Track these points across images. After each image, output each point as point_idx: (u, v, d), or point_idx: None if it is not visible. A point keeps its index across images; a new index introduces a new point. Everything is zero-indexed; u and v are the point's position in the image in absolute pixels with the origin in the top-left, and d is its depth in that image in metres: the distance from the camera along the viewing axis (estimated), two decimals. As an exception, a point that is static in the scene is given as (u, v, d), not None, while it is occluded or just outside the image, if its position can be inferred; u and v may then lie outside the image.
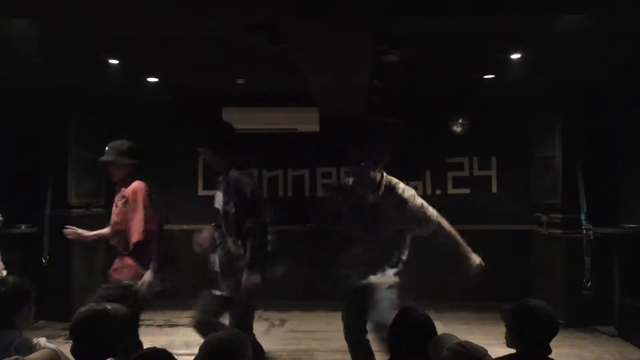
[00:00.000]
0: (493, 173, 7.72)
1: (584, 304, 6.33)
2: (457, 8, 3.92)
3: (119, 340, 2.62)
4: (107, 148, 4.35)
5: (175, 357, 2.46)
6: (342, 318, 4.25)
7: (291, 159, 7.85)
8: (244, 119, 7.48)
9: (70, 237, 4.56)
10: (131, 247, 4.19)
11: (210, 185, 7.74)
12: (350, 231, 4.22)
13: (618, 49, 5.26)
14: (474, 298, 7.40)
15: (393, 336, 2.76)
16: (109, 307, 2.64)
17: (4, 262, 5.95)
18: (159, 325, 6.61)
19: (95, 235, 4.59)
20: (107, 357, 2.58)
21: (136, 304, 4.01)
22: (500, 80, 6.44)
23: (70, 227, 4.53)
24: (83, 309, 2.64)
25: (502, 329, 2.85)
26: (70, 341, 2.60)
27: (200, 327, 4.08)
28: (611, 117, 6.65)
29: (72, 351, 2.58)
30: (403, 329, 2.74)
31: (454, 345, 2.32)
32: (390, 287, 4.12)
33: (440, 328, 2.81)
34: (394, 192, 4.14)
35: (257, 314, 7.24)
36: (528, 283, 7.26)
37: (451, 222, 8.00)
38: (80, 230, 4.54)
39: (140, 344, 4.08)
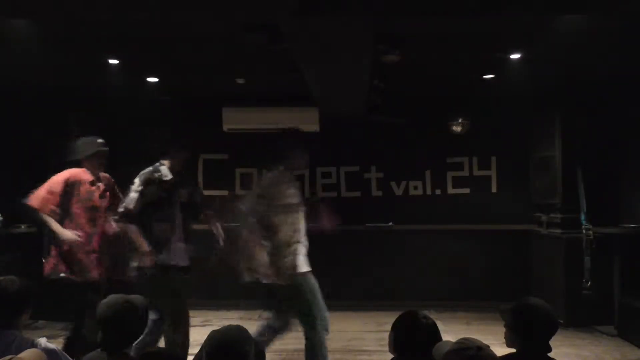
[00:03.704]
0: (493, 173, 7.73)
1: (584, 304, 6.33)
2: (457, 8, 3.92)
3: (142, 328, 2.84)
4: (101, 141, 4.64)
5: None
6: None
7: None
8: (244, 119, 7.49)
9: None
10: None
11: (210, 184, 7.80)
12: None
13: (618, 49, 5.26)
14: (474, 298, 7.41)
15: (397, 338, 2.76)
16: (131, 297, 2.81)
17: (3, 263, 5.98)
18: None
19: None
20: (131, 344, 2.80)
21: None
22: (500, 80, 6.44)
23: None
24: (107, 300, 2.79)
25: (502, 329, 2.85)
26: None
27: None
28: (611, 117, 6.66)
29: (101, 341, 2.72)
30: (407, 331, 2.74)
31: (456, 344, 2.33)
32: None
33: (441, 328, 2.81)
34: None
35: (257, 313, 7.26)
36: (528, 283, 7.27)
37: (451, 222, 8.06)
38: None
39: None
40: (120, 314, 2.72)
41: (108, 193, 4.70)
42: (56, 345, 2.99)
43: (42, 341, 2.84)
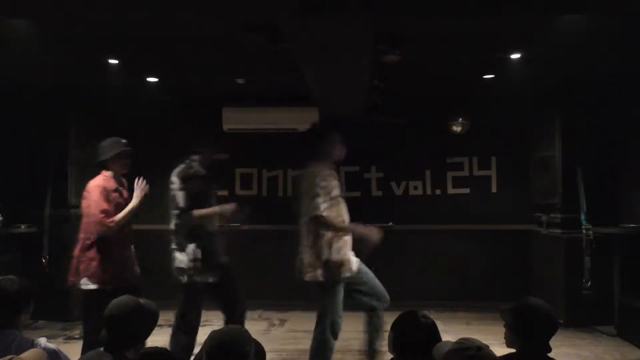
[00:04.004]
0: (493, 173, 7.72)
1: (584, 304, 6.33)
2: (457, 8, 3.92)
3: (147, 332, 2.90)
4: (124, 141, 4.57)
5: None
6: None
7: (291, 159, 7.85)
8: (244, 119, 7.49)
9: None
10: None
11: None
12: None
13: (618, 49, 5.26)
14: (474, 298, 7.41)
15: (397, 338, 2.76)
16: (142, 300, 2.85)
17: (3, 263, 5.97)
18: (159, 325, 6.55)
19: None
20: (132, 346, 2.81)
21: None
22: (500, 80, 6.44)
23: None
24: (116, 299, 2.83)
25: (502, 329, 2.85)
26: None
27: None
28: (611, 117, 6.66)
29: (103, 339, 2.76)
30: (407, 331, 2.74)
31: (456, 344, 2.33)
32: None
33: (440, 328, 2.81)
34: None
35: (257, 313, 7.28)
36: (528, 283, 7.27)
37: (451, 222, 8.06)
38: None
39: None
40: (126, 315, 2.74)
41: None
42: (56, 345, 2.99)
43: (42, 341, 2.85)
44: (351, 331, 6.49)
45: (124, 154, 4.52)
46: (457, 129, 7.57)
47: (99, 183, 4.44)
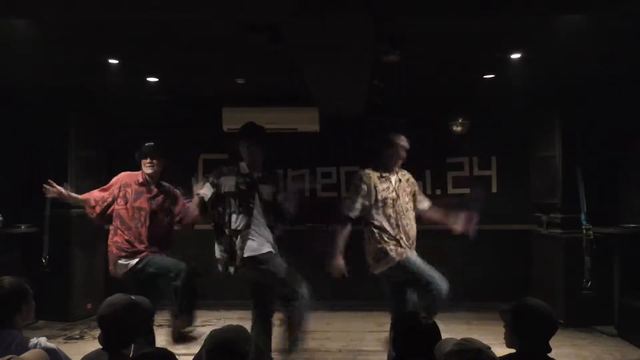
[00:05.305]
0: (493, 173, 7.72)
1: (584, 304, 6.33)
2: (457, 8, 3.92)
3: (142, 329, 2.96)
4: (149, 144, 4.99)
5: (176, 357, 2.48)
6: None
7: (291, 159, 7.84)
8: (244, 119, 7.48)
9: None
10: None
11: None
12: None
13: (618, 49, 5.26)
14: (474, 298, 7.40)
15: (397, 339, 2.76)
16: (134, 297, 2.88)
17: (3, 263, 5.99)
18: (159, 325, 6.58)
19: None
20: (131, 344, 2.83)
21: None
22: (500, 80, 6.44)
23: None
24: (108, 298, 2.86)
25: (502, 329, 2.86)
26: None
27: None
28: (611, 117, 6.65)
29: (100, 339, 2.78)
30: (407, 331, 2.74)
31: (456, 345, 2.33)
32: None
33: (441, 328, 2.81)
34: None
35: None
36: (528, 283, 7.26)
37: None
38: None
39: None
40: (119, 314, 2.75)
41: (161, 197, 4.97)
42: (56, 344, 3.00)
43: (42, 340, 2.85)
44: (351, 331, 6.52)
45: (140, 155, 4.93)
46: (457, 129, 7.56)
47: (122, 174, 4.99)
